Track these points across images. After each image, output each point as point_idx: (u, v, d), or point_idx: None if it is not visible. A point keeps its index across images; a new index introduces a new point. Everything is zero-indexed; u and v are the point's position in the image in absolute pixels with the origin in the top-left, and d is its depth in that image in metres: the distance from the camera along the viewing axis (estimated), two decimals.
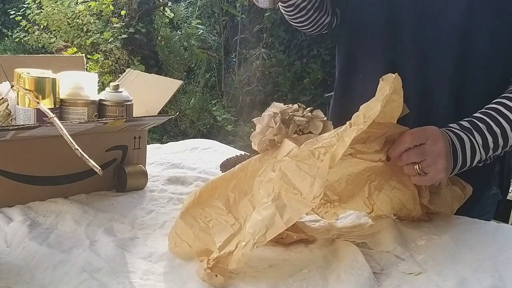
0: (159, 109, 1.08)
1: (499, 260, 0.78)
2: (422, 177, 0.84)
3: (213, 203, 0.79)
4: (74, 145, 0.80)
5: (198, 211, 0.79)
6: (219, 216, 0.77)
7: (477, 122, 0.88)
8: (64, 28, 5.05)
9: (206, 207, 0.79)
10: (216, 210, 0.78)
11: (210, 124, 5.19)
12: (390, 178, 0.88)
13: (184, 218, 0.79)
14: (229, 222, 0.76)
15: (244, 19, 5.71)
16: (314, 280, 0.71)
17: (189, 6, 5.75)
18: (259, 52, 5.51)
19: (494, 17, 0.92)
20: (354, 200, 0.91)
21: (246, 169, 0.80)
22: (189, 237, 0.77)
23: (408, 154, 0.82)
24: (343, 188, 0.90)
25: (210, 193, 0.80)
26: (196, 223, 0.78)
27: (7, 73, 1.00)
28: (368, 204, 0.91)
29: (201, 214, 0.79)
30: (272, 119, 0.80)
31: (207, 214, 0.78)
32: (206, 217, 0.78)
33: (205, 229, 0.77)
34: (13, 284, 0.67)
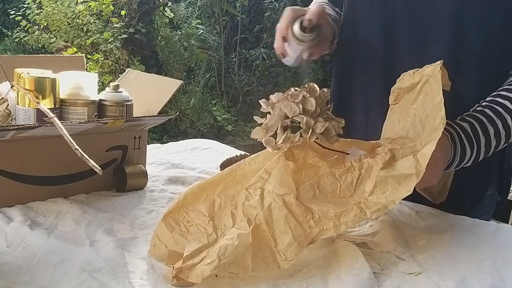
0: (159, 109, 1.08)
1: (499, 260, 0.78)
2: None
3: (198, 207, 0.78)
4: (74, 145, 0.80)
5: (182, 214, 0.78)
6: (200, 222, 0.77)
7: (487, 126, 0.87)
8: (64, 28, 5.05)
9: (190, 210, 0.78)
10: (199, 215, 0.77)
11: (210, 124, 5.19)
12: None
13: (166, 220, 0.78)
14: (207, 231, 0.75)
15: (244, 19, 5.71)
16: (314, 280, 0.71)
17: (189, 6, 5.75)
18: (259, 52, 5.51)
19: (485, 8, 0.92)
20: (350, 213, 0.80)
21: (234, 173, 0.79)
22: (168, 240, 0.76)
23: None
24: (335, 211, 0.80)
25: (196, 196, 0.79)
26: (177, 226, 0.77)
27: (7, 73, 1.00)
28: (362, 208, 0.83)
29: (184, 217, 0.78)
30: (280, 120, 0.76)
31: (190, 219, 0.78)
32: (188, 221, 0.77)
33: (185, 233, 0.76)
34: (13, 284, 0.67)
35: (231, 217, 0.76)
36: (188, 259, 0.72)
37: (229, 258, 0.69)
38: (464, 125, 0.87)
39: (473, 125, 0.87)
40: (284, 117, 0.76)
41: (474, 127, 0.87)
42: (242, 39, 5.75)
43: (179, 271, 0.70)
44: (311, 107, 0.76)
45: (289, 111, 0.76)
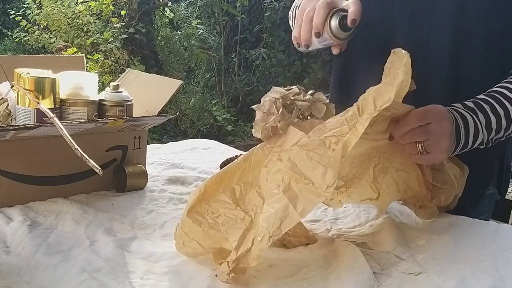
0: (159, 109, 1.08)
1: (499, 260, 0.78)
2: (423, 156, 0.83)
3: (219, 197, 0.77)
4: (74, 145, 0.80)
5: (205, 207, 0.77)
6: (227, 210, 0.75)
7: (481, 103, 0.88)
8: (64, 28, 5.05)
9: (212, 202, 0.77)
10: (223, 204, 0.76)
11: (210, 124, 5.20)
12: (393, 160, 0.87)
13: (191, 215, 0.76)
14: (239, 216, 0.74)
15: (244, 19, 5.71)
16: (314, 280, 0.71)
17: (189, 6, 5.75)
18: (259, 52, 5.52)
19: (486, 8, 0.92)
20: (360, 185, 0.90)
21: (249, 160, 0.78)
22: (198, 235, 0.75)
23: (412, 133, 0.82)
24: (347, 172, 0.88)
25: (215, 187, 0.78)
26: (204, 220, 0.76)
27: (7, 73, 1.00)
28: (374, 188, 0.89)
29: (207, 210, 0.76)
30: (274, 104, 0.78)
31: (214, 210, 0.76)
32: (213, 212, 0.76)
33: (215, 225, 0.75)
34: (13, 284, 0.67)
35: (259, 196, 0.74)
36: (238, 247, 0.70)
37: (276, 224, 0.67)
38: (456, 104, 0.89)
39: (464, 103, 0.89)
40: (275, 101, 0.78)
41: (465, 104, 0.88)
42: (242, 39, 5.75)
43: (236, 262, 0.69)
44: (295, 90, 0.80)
45: (277, 93, 0.79)
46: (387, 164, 0.88)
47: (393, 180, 0.89)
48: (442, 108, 0.84)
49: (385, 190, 0.90)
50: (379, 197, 0.91)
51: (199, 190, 0.78)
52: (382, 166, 0.88)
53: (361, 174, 0.89)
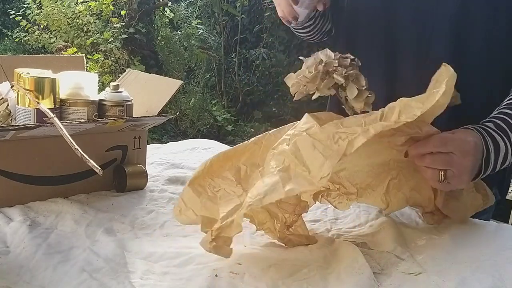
0: (159, 109, 1.08)
1: (499, 260, 0.78)
2: (442, 184, 0.80)
3: (223, 174, 0.77)
4: (74, 145, 0.80)
5: (207, 180, 0.77)
6: (228, 186, 0.76)
7: (510, 121, 0.85)
8: (64, 28, 5.05)
9: (215, 177, 0.77)
10: (226, 181, 0.76)
11: (210, 124, 5.20)
12: (410, 179, 0.86)
13: (192, 186, 0.77)
14: (237, 193, 0.75)
15: (244, 19, 5.71)
16: (314, 280, 0.71)
17: (189, 6, 5.75)
18: (259, 52, 5.51)
19: (488, 7, 0.92)
20: (371, 195, 0.89)
21: (260, 143, 0.78)
22: (195, 205, 0.76)
23: (434, 159, 0.78)
24: (362, 180, 0.88)
25: (221, 164, 0.78)
26: (204, 191, 0.76)
27: (7, 73, 1.00)
28: (384, 200, 0.89)
29: (210, 184, 0.77)
30: (315, 65, 0.77)
31: (216, 184, 0.77)
32: (214, 187, 0.77)
33: (213, 198, 0.76)
34: (13, 284, 0.67)
35: (260, 175, 0.74)
36: (225, 218, 0.71)
37: (259, 196, 0.67)
38: (487, 123, 0.85)
39: (495, 122, 0.85)
40: (319, 63, 0.77)
41: (496, 123, 0.85)
42: (242, 39, 5.75)
43: (219, 231, 0.69)
44: (346, 61, 0.78)
45: (324, 56, 0.78)
46: (403, 181, 0.86)
47: (405, 198, 0.88)
48: (468, 138, 0.80)
49: (394, 204, 0.90)
50: (387, 209, 0.91)
51: (205, 164, 0.78)
52: (398, 182, 0.86)
53: (375, 186, 0.88)
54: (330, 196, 0.89)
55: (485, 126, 0.85)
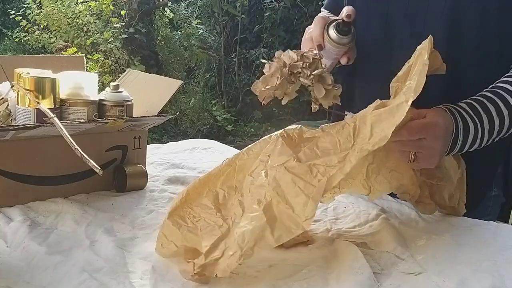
0: (159, 109, 1.08)
1: (499, 260, 0.78)
2: (412, 164, 0.84)
3: (202, 201, 0.77)
4: (74, 145, 0.80)
5: (187, 210, 0.77)
6: (208, 216, 0.76)
7: (486, 103, 0.87)
8: (64, 28, 5.05)
9: (194, 205, 0.77)
10: (205, 209, 0.76)
11: (210, 124, 5.19)
12: (387, 161, 0.87)
13: (172, 218, 0.77)
14: (217, 223, 0.75)
15: (244, 19, 5.71)
16: (314, 280, 0.71)
17: (189, 6, 5.75)
18: (259, 52, 5.51)
19: (478, 2, 0.92)
20: (352, 184, 0.90)
21: (234, 164, 0.78)
22: (176, 238, 0.75)
23: (403, 144, 0.82)
24: None
25: (198, 191, 0.78)
26: (184, 223, 0.76)
27: (7, 73, 1.00)
28: (366, 186, 0.90)
29: (189, 213, 0.77)
30: (280, 70, 0.77)
31: (196, 214, 0.77)
32: (194, 216, 0.76)
33: (193, 229, 0.75)
34: (13, 284, 0.67)
35: (239, 205, 0.74)
36: (209, 254, 0.71)
37: (250, 243, 0.68)
38: (462, 104, 0.88)
39: (471, 104, 0.88)
40: (283, 66, 0.77)
41: (472, 104, 0.88)
42: (242, 39, 5.75)
43: (202, 268, 0.69)
44: (308, 60, 0.78)
45: (288, 59, 0.77)
46: (380, 164, 0.88)
47: (386, 180, 0.89)
48: (440, 122, 0.83)
49: (376, 188, 0.90)
50: (370, 193, 0.92)
51: (181, 194, 0.79)
52: (376, 166, 0.88)
53: (355, 174, 0.89)
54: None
55: (459, 107, 0.87)
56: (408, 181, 0.90)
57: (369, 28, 1.04)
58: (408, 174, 0.89)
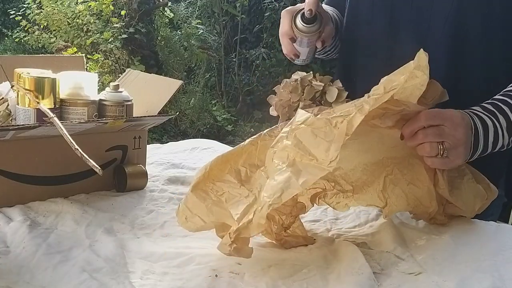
0: (159, 109, 1.08)
1: (499, 260, 0.78)
2: (440, 159, 0.79)
3: (224, 177, 0.77)
4: (74, 145, 0.80)
5: (209, 185, 0.77)
6: (232, 189, 0.75)
7: (499, 104, 0.85)
8: (64, 28, 5.05)
9: (217, 181, 0.77)
10: (228, 183, 0.76)
11: (210, 124, 5.19)
12: (406, 173, 0.86)
13: (195, 191, 0.76)
14: (243, 195, 0.74)
15: (244, 19, 5.71)
16: (314, 280, 0.71)
17: (189, 6, 5.75)
18: (259, 52, 5.51)
19: (484, 5, 0.92)
20: (367, 192, 0.88)
21: (256, 143, 0.78)
22: (201, 211, 0.75)
23: (426, 133, 0.78)
24: (357, 178, 0.88)
25: (220, 168, 0.78)
26: (208, 196, 0.76)
27: (7, 73, 1.00)
28: (381, 197, 0.88)
29: (212, 188, 0.77)
30: (291, 83, 0.82)
31: (219, 188, 0.76)
32: (217, 191, 0.76)
33: (218, 203, 0.75)
34: (13, 284, 0.67)
35: (264, 175, 0.74)
36: (241, 219, 0.71)
37: (276, 194, 0.67)
38: (473, 107, 0.85)
39: (483, 106, 0.86)
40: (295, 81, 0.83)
41: (484, 106, 0.86)
42: (242, 39, 5.75)
43: (237, 232, 0.69)
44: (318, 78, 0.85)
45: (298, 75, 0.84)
46: (399, 175, 0.86)
47: (403, 193, 0.87)
48: (456, 113, 0.81)
49: (393, 202, 0.89)
50: (386, 206, 0.90)
51: (204, 168, 0.78)
52: (394, 177, 0.86)
53: (371, 182, 0.88)
54: (327, 197, 0.89)
55: (472, 109, 0.86)
56: (426, 197, 0.87)
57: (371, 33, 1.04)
58: (426, 189, 0.86)
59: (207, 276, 0.71)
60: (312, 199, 0.88)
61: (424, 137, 0.79)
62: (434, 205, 0.87)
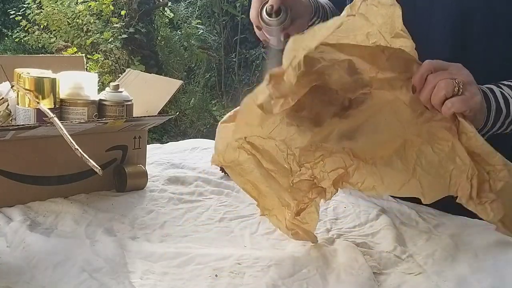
0: (159, 109, 1.08)
1: (499, 260, 0.78)
2: (459, 98, 0.72)
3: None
4: (74, 145, 0.80)
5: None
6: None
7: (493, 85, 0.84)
8: (64, 28, 5.06)
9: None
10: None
11: (210, 124, 5.19)
12: (426, 138, 0.77)
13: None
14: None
15: (244, 19, 5.71)
16: (314, 280, 0.71)
17: (189, 6, 5.75)
18: (259, 52, 5.51)
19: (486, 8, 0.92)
20: (392, 161, 0.78)
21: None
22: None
23: (436, 75, 0.73)
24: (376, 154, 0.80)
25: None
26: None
27: (7, 73, 1.00)
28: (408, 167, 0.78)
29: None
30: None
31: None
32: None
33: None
34: (13, 284, 0.67)
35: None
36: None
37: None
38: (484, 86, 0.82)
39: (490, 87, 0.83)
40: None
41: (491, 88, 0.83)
42: (242, 39, 5.75)
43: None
44: None
45: None
46: (419, 142, 0.78)
47: (430, 160, 0.77)
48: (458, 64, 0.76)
49: (422, 169, 0.77)
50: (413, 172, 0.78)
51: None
52: (416, 147, 0.78)
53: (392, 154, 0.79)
54: (350, 177, 0.82)
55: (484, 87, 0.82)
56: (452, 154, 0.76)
57: None
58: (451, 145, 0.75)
59: (207, 276, 0.71)
60: (335, 183, 0.83)
61: (435, 78, 0.74)
62: (468, 163, 0.75)
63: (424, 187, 0.78)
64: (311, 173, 0.82)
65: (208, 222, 0.92)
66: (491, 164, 0.74)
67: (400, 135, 0.79)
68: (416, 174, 0.78)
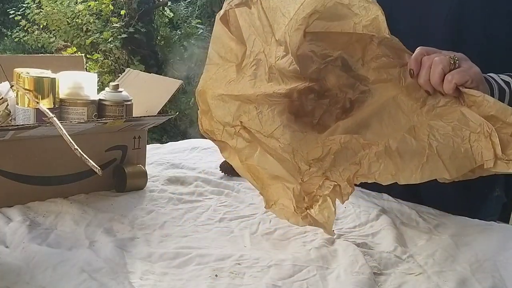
0: (159, 109, 1.08)
1: (499, 260, 0.78)
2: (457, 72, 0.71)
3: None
4: (74, 145, 0.80)
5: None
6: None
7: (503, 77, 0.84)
8: (64, 28, 5.06)
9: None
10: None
11: None
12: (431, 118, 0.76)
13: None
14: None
15: None
16: (314, 280, 0.71)
17: (189, 6, 5.75)
18: None
19: (484, 9, 0.92)
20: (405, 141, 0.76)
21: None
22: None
23: (429, 56, 0.72)
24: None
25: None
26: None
27: (6, 73, 1.00)
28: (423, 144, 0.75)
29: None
30: None
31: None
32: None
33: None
34: (13, 284, 0.67)
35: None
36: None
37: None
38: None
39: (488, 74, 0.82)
40: None
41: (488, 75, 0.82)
42: None
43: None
44: None
45: None
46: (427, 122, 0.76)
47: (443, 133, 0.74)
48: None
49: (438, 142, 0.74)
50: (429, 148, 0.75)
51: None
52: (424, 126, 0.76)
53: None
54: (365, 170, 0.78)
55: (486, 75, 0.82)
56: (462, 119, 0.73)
57: None
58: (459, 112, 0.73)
59: (207, 277, 0.71)
60: (350, 181, 0.80)
61: (429, 59, 0.73)
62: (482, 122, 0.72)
63: (445, 161, 0.73)
64: (323, 171, 0.81)
65: (208, 222, 0.92)
66: (508, 122, 0.70)
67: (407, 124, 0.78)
68: (433, 149, 0.74)
